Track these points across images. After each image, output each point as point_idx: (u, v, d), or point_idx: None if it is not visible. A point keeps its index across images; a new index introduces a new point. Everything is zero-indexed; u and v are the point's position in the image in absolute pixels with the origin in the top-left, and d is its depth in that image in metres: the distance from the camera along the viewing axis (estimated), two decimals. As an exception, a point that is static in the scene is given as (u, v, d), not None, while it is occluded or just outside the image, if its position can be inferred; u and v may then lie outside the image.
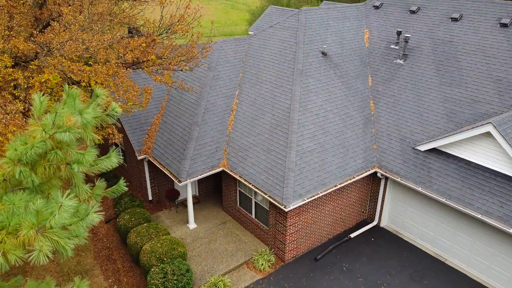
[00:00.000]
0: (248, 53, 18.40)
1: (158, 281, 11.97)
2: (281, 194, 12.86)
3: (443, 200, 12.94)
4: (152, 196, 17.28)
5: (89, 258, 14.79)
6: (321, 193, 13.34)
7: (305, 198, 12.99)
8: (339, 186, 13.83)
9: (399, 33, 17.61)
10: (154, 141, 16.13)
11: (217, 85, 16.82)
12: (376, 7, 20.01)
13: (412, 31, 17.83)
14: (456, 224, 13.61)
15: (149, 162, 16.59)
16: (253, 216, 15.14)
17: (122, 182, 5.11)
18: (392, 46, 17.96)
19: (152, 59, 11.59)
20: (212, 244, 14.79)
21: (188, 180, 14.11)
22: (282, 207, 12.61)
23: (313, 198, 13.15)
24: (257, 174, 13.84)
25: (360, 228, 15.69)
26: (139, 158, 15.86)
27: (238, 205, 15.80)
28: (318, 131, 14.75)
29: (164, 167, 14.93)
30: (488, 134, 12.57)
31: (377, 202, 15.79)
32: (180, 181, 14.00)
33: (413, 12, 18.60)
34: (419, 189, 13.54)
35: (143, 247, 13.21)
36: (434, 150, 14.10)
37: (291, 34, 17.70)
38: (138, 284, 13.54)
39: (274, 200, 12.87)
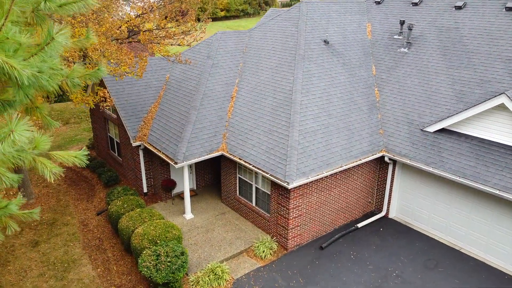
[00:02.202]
0: (248, 44, 18.02)
1: (150, 263, 10.97)
2: (283, 172, 12.05)
3: (457, 178, 12.10)
4: (147, 189, 16.41)
5: (77, 248, 13.78)
6: (325, 172, 12.53)
7: (309, 177, 12.16)
8: (344, 167, 13.02)
9: (402, 22, 17.28)
10: (150, 127, 15.44)
11: (217, 72, 16.32)
12: (378, 3, 19.82)
13: (416, 22, 17.50)
14: (472, 208, 12.70)
15: (145, 151, 15.84)
16: (254, 204, 14.24)
17: (102, 67, 4.41)
18: (395, 37, 17.59)
19: (149, 28, 11.09)
20: (210, 233, 13.81)
21: (185, 162, 13.33)
22: (284, 185, 11.77)
23: (318, 177, 12.33)
24: (258, 155, 13.07)
25: (367, 219, 14.74)
26: (134, 144, 15.12)
27: (237, 194, 14.92)
28: (322, 113, 14.10)
29: (160, 151, 14.18)
30: (501, 107, 11.91)
31: (384, 191, 14.91)
32: (176, 163, 13.21)
33: (415, 4, 18.36)
34: (430, 169, 12.73)
35: (135, 231, 12.27)
36: (444, 131, 13.39)
37: (292, 24, 17.37)
38: (129, 272, 12.49)
39: (276, 178, 12.05)
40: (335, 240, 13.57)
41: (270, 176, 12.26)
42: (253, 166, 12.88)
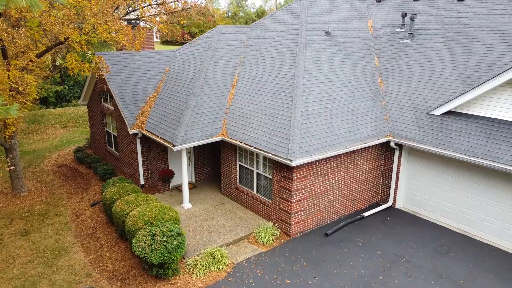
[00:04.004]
0: (249, 38, 17.83)
1: (145, 243, 10.30)
2: (286, 151, 11.55)
3: (467, 157, 11.59)
4: (144, 181, 15.82)
5: (69, 237, 13.09)
6: (329, 152, 12.02)
7: (312, 155, 11.65)
8: (349, 149, 12.52)
9: (404, 15, 17.15)
10: (148, 116, 15.03)
11: (217, 63, 16.04)
12: (379, 0, 19.80)
13: (418, 15, 17.36)
14: (484, 191, 12.12)
15: (142, 141, 15.36)
16: (255, 191, 13.65)
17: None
18: (397, 30, 17.42)
19: (149, 3, 10.86)
20: (209, 221, 13.16)
21: (183, 145, 12.84)
22: (287, 162, 11.24)
23: (321, 156, 11.82)
24: (259, 137, 12.60)
25: (373, 209, 14.12)
26: (131, 132, 14.67)
27: (238, 183, 14.35)
28: (325, 97, 13.72)
29: (158, 136, 13.70)
30: (510, 84, 11.52)
31: (391, 180, 14.34)
32: (174, 146, 12.72)
33: (416, -1, 18.31)
34: (439, 150, 12.23)
35: (130, 213, 11.65)
36: (451, 113, 12.97)
37: (293, 16, 17.23)
38: (122, 257, 11.78)
39: (279, 156, 11.53)
40: (341, 228, 12.91)
41: (272, 156, 11.75)
42: (254, 147, 12.39)
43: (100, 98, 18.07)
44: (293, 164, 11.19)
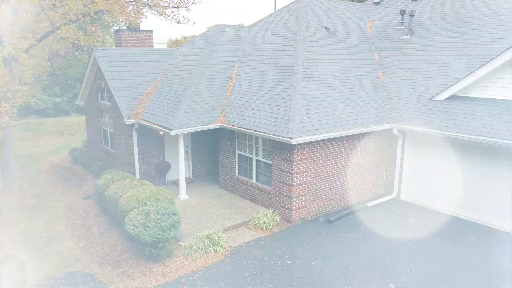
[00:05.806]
0: (248, 36, 17.79)
1: (138, 221, 9.76)
2: (286, 131, 11.17)
3: (475, 137, 11.19)
4: (140, 175, 15.29)
5: (59, 226, 12.49)
6: (331, 133, 11.64)
7: (313, 135, 11.27)
8: (351, 132, 12.15)
9: (403, 12, 17.18)
10: (145, 107, 14.73)
11: (216, 57, 15.89)
12: (377, 3, 19.94)
13: (417, 13, 17.38)
14: (492, 175, 11.63)
15: (139, 133, 14.97)
16: (254, 180, 13.16)
17: None
18: (397, 27, 17.41)
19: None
20: (206, 210, 12.61)
21: (180, 130, 12.48)
22: (287, 140, 10.84)
23: (323, 136, 11.44)
24: (259, 121, 12.25)
25: (377, 199, 13.58)
26: (127, 122, 14.33)
27: (237, 174, 13.86)
28: (325, 84, 13.47)
29: (154, 124, 13.35)
30: (515, 62, 11.28)
31: (394, 171, 13.87)
32: (171, 130, 12.35)
33: (415, -1, 18.41)
34: (444, 132, 11.85)
35: (123, 195, 11.13)
36: (455, 98, 12.66)
37: (292, 14, 17.24)
38: (114, 243, 11.15)
39: (278, 136, 11.14)
40: (344, 216, 12.35)
41: (272, 136, 11.36)
42: (253, 130, 12.02)
43: (97, 96, 17.84)
44: (293, 142, 10.78)
